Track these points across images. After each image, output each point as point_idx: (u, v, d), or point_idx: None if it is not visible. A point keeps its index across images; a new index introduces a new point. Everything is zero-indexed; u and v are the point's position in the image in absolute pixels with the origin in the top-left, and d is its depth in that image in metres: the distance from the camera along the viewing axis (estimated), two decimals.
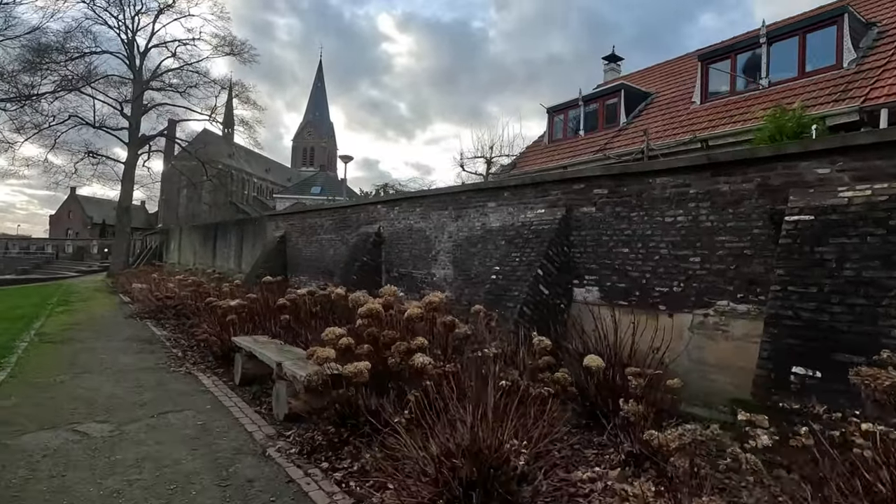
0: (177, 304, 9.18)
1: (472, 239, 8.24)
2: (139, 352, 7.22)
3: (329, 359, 3.21)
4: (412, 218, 9.83)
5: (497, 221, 7.72)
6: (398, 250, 10.28)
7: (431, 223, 9.26)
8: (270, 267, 14.74)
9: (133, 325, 10.19)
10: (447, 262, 8.90)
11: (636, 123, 12.57)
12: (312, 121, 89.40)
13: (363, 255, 10.74)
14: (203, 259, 23.18)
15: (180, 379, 5.68)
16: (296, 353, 4.96)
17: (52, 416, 4.18)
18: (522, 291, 6.18)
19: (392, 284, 10.82)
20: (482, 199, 7.98)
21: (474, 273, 8.23)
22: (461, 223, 8.48)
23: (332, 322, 6.14)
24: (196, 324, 7.63)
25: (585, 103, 13.99)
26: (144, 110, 29.60)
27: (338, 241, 12.48)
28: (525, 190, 7.18)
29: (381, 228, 10.90)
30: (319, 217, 13.34)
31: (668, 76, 13.98)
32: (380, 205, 11.00)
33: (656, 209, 5.59)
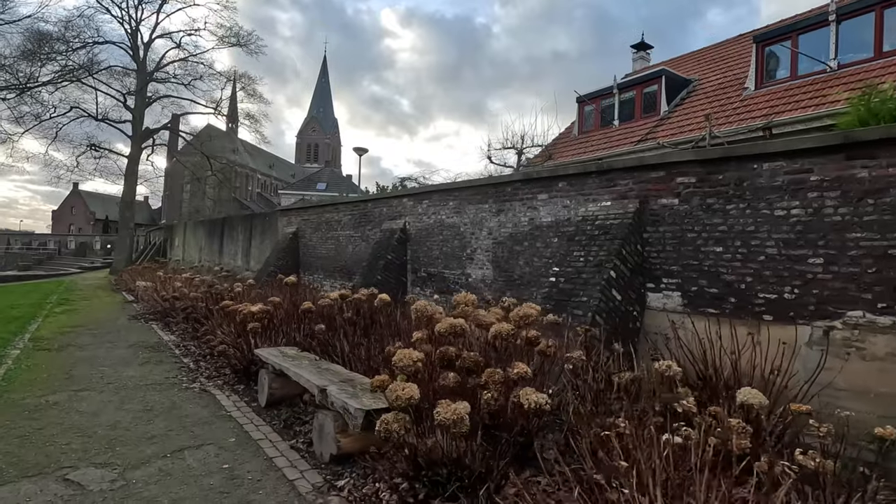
0: (186, 306, 8.31)
1: (517, 236, 7.35)
2: (145, 362, 6.36)
3: (412, 398, 2.33)
4: (444, 212, 8.94)
5: (549, 216, 6.82)
6: (426, 248, 9.40)
7: (467, 218, 8.37)
8: (282, 265, 13.89)
9: (138, 328, 9.33)
10: (485, 262, 8.01)
11: (679, 112, 11.64)
12: (317, 116, 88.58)
13: (388, 253, 9.86)
14: (209, 256, 22.34)
15: (195, 399, 4.81)
16: (337, 374, 4.09)
17: (39, 457, 3.31)
18: (593, 297, 5.29)
19: (418, 285, 9.97)
20: (531, 191, 7.08)
21: (518, 274, 7.34)
22: (504, 218, 7.59)
23: (374, 333, 5.28)
24: (210, 330, 6.75)
25: (620, 91, 13.06)
26: (148, 103, 28.75)
27: (357, 237, 11.60)
28: (586, 179, 6.28)
29: (406, 224, 10.02)
30: (336, 212, 12.46)
31: (710, 62, 13.04)
32: (405, 198, 10.12)
33: (762, 200, 4.68)
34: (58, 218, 65.28)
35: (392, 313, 6.18)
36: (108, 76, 27.44)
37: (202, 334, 6.98)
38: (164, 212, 59.87)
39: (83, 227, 60.91)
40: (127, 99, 27.88)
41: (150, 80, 28.20)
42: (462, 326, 2.94)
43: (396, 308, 7.47)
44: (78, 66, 25.13)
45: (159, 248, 30.98)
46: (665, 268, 5.46)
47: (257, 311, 5.41)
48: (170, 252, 29.35)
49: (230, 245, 19.98)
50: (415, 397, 2.33)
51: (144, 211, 61.92)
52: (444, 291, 8.95)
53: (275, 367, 4.53)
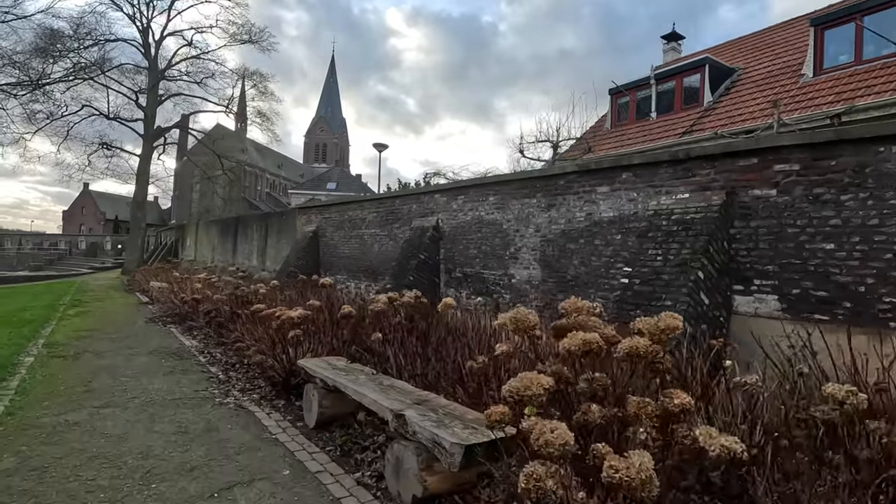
0: (209, 309, 7.74)
1: (572, 233, 6.73)
2: (170, 371, 5.80)
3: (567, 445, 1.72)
4: (483, 208, 8.33)
5: (611, 210, 6.19)
6: (463, 247, 8.80)
7: (511, 214, 7.76)
8: (302, 265, 13.34)
9: (156, 332, 8.79)
10: (532, 261, 7.39)
11: (726, 102, 10.96)
12: (325, 116, 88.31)
13: (420, 253, 9.27)
14: (222, 256, 21.88)
15: (233, 417, 4.23)
16: (405, 392, 3.48)
17: (62, 498, 2.73)
18: (679, 301, 4.65)
19: (452, 287, 9.37)
20: (589, 183, 6.46)
21: (572, 275, 6.72)
22: (555, 213, 6.97)
23: (430, 342, 4.68)
24: (239, 337, 6.18)
25: (658, 82, 12.39)
26: (160, 101, 28.37)
27: (384, 236, 11.02)
28: (657, 169, 5.65)
29: (439, 221, 9.42)
30: (361, 210, 11.89)
31: (753, 51, 12.35)
32: (438, 194, 9.52)
33: (890, 189, 4.04)
34: (68, 218, 65.35)
35: (436, 318, 5.60)
36: (120, 74, 27.10)
37: (232, 341, 6.39)
38: (174, 212, 59.70)
39: (94, 227, 60.91)
40: (139, 97, 27.52)
41: (162, 78, 27.82)
42: (598, 344, 2.32)
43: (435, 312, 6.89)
44: (90, 64, 24.77)
45: (171, 249, 30.61)
46: (758, 267, 4.81)
47: (298, 317, 4.82)
48: (181, 252, 28.95)
49: (244, 245, 19.49)
50: (570, 443, 1.73)
51: (154, 211, 61.85)
52: (482, 293, 8.35)
53: (325, 381, 3.94)
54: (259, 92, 30.62)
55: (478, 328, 5.01)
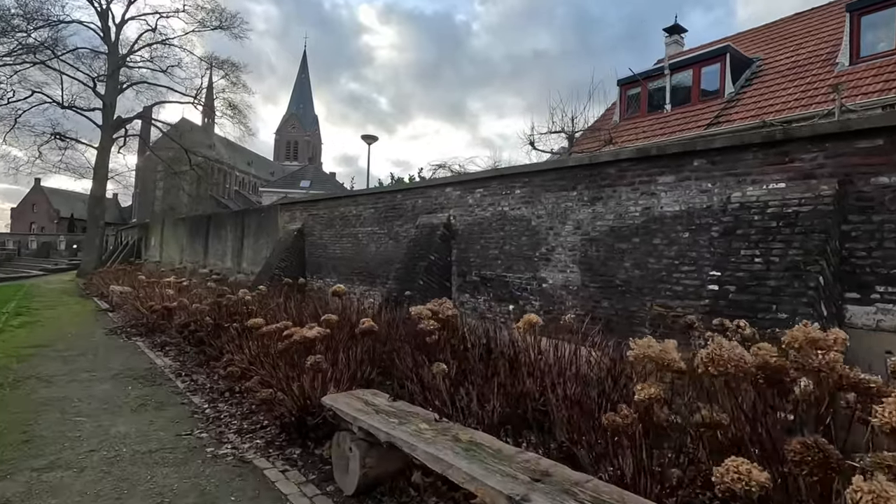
0: (187, 321, 6.46)
1: (623, 230, 5.80)
2: (141, 405, 4.55)
3: None
4: (507, 203, 7.33)
5: (677, 203, 5.28)
6: (480, 247, 7.78)
7: (542, 209, 6.79)
8: (286, 267, 12.05)
9: (119, 347, 7.42)
10: (569, 263, 6.44)
11: (752, 92, 10.32)
12: (296, 113, 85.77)
13: (430, 253, 8.19)
14: (191, 256, 20.18)
15: (235, 480, 3.07)
16: (500, 455, 2.42)
17: None
18: (798, 312, 3.76)
19: (467, 292, 8.33)
20: (648, 172, 5.53)
21: (623, 278, 5.79)
22: (601, 208, 6.03)
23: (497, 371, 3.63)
24: (232, 360, 4.96)
25: (672, 72, 11.68)
26: (120, 89, 26.27)
27: (383, 234, 9.89)
28: (743, 154, 4.75)
29: (451, 218, 8.37)
30: (355, 205, 10.70)
31: (773, 41, 11.81)
32: (449, 187, 8.46)
33: None
34: (17, 216, 60.95)
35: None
36: (76, 59, 24.91)
37: (223, 365, 5.15)
38: (136, 210, 56.49)
39: (46, 225, 56.97)
40: (97, 84, 25.35)
41: (123, 64, 25.76)
42: None
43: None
44: (39, 44, 22.55)
45: (133, 249, 28.43)
46: (881, 272, 3.97)
47: (316, 337, 3.69)
48: (145, 252, 26.88)
49: (217, 244, 17.92)
50: None
51: (114, 209, 58.45)
52: (504, 300, 7.35)
53: (370, 432, 2.84)
54: (231, 83, 28.79)
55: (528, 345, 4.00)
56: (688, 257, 5.19)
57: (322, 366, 3.50)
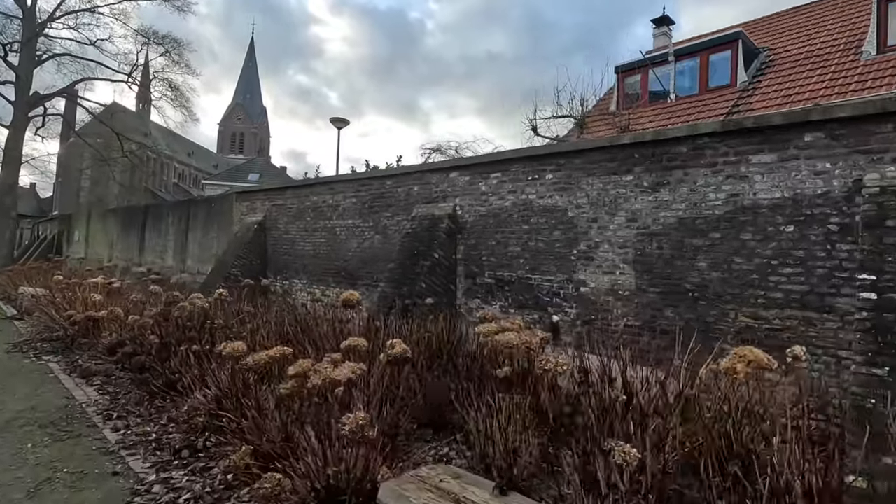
0: (122, 340, 4.74)
1: (697, 222, 4.71)
2: (47, 479, 2.92)
3: None
4: (534, 189, 6.10)
5: (777, 189, 4.24)
6: (496, 242, 6.51)
7: (583, 197, 5.60)
8: (244, 265, 10.27)
9: (25, 371, 5.55)
10: (618, 263, 5.29)
11: (769, 81, 9.69)
12: (242, 104, 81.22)
13: (434, 251, 6.83)
14: (124, 253, 17.62)
15: None
16: None
17: None
18: None
19: (478, 296, 7.02)
20: (737, 150, 4.45)
21: (696, 283, 4.70)
22: (667, 195, 4.91)
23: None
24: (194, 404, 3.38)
25: (678, 59, 10.91)
26: (38, 61, 22.91)
27: (367, 228, 8.40)
28: (880, 124, 3.74)
29: (457, 208, 7.05)
30: (331, 193, 9.11)
31: (783, 32, 11.34)
32: (455, 171, 7.12)
33: None
34: None
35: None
36: None
37: (187, 413, 3.52)
38: (57, 201, 50.86)
39: None
40: (8, 54, 21.92)
41: (41, 32, 22.44)
42: None
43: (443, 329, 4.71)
44: None
45: (52, 244, 24.93)
46: None
47: (350, 379, 2.26)
48: (67, 248, 23.60)
49: (156, 239, 15.60)
50: None
51: (31, 199, 52.56)
52: (527, 307, 6.12)
53: None
54: (172, 61, 25.94)
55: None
56: (792, 256, 4.15)
57: (368, 433, 2.08)
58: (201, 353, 3.76)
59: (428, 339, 4.08)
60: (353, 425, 2.02)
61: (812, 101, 8.16)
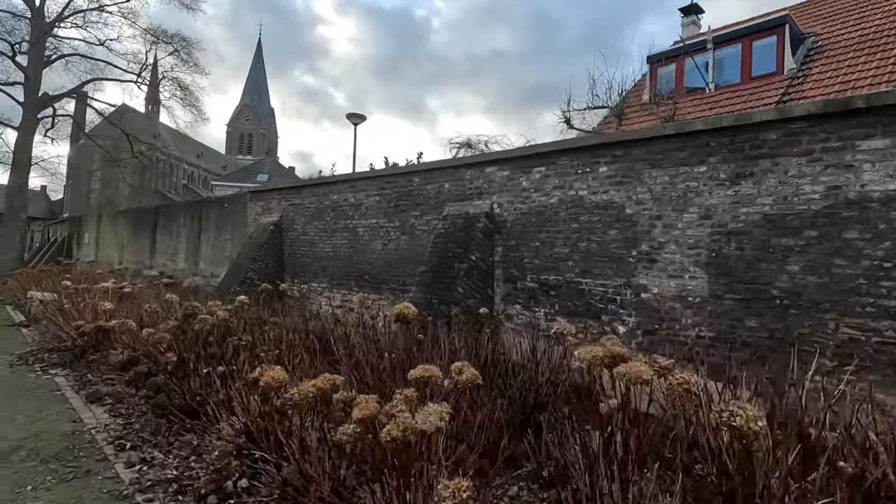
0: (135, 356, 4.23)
1: (788, 219, 4.10)
2: None
3: None
4: (585, 184, 5.52)
5: (892, 180, 3.63)
6: (540, 243, 5.93)
7: (644, 192, 5.02)
8: (260, 269, 9.78)
9: (30, 388, 5.06)
10: (688, 265, 4.70)
11: (821, 69, 9.05)
12: (250, 105, 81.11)
13: (470, 252, 6.26)
14: (135, 256, 17.23)
15: None
16: None
17: None
18: None
19: (519, 302, 6.44)
20: (841, 135, 3.85)
21: (785, 288, 4.10)
22: (749, 187, 4.31)
23: None
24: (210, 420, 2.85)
25: (717, 46, 10.27)
26: (48, 61, 22.61)
27: (393, 228, 7.85)
28: None
29: (494, 206, 6.48)
30: (353, 192, 8.58)
31: (829, 16, 10.68)
32: (492, 166, 6.55)
33: None
34: None
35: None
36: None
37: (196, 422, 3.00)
38: (67, 204, 50.88)
39: None
40: (16, 54, 21.64)
41: (50, 32, 22.13)
42: None
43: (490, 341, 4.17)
44: None
45: (62, 246, 24.67)
46: None
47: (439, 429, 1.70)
48: (77, 250, 23.31)
49: (167, 241, 15.18)
50: None
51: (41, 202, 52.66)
52: (577, 314, 5.54)
53: None
54: (181, 60, 25.59)
55: None
56: None
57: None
58: (227, 373, 3.23)
59: (486, 357, 3.52)
60: (456, 499, 1.46)
61: (874, 87, 7.52)
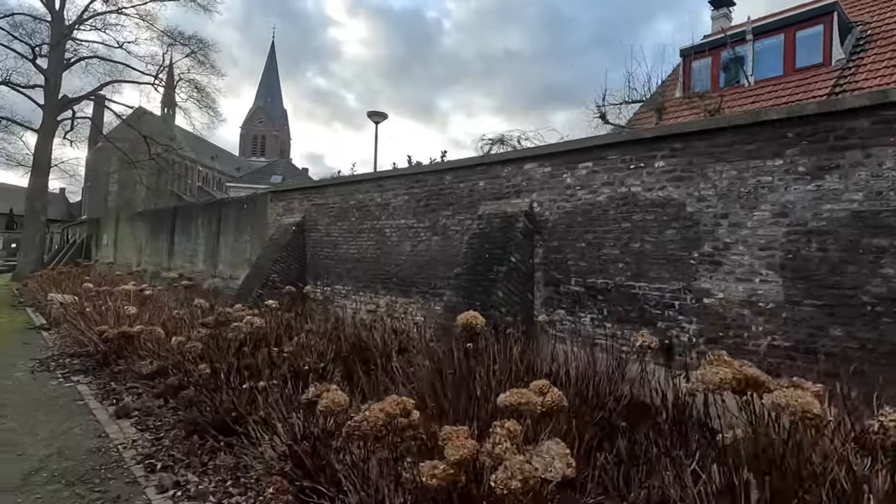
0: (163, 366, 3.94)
1: (881, 218, 3.69)
2: None
3: None
4: (638, 180, 5.12)
5: None
6: (586, 244, 5.55)
7: (708, 188, 4.61)
8: (283, 271, 9.51)
9: (52, 397, 4.80)
10: (759, 268, 4.29)
11: (874, 59, 8.54)
12: (264, 107, 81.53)
13: (509, 254, 5.90)
14: (153, 257, 17.13)
15: None
16: None
17: None
18: None
19: (563, 307, 6.05)
20: None
21: (877, 293, 3.68)
22: (835, 182, 3.90)
23: None
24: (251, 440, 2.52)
25: (756, 38, 9.78)
26: (67, 64, 22.71)
27: (423, 229, 7.51)
28: None
29: (533, 205, 6.11)
30: (380, 191, 8.26)
31: (876, 3, 10.12)
32: (531, 162, 6.18)
33: None
34: None
35: None
36: (12, 27, 21.28)
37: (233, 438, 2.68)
38: (85, 206, 51.45)
39: None
40: (37, 57, 21.75)
41: (69, 34, 22.22)
42: None
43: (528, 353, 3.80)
44: None
45: (81, 248, 24.78)
46: None
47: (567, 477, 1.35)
48: (96, 252, 23.38)
49: (185, 243, 15.02)
50: None
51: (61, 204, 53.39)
52: (629, 320, 5.15)
53: None
54: (198, 62, 25.59)
55: None
56: None
57: None
58: (267, 388, 2.91)
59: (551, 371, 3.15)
60: None
61: None
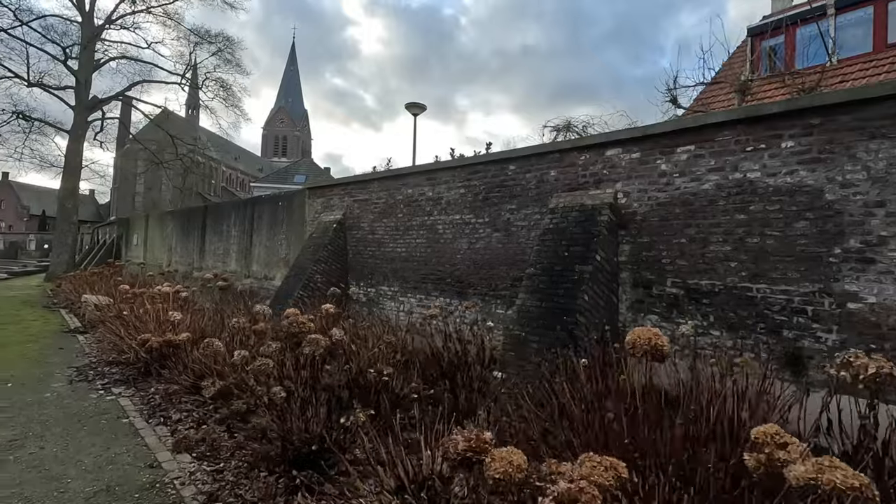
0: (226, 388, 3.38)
1: None
2: None
3: None
4: (757, 165, 4.38)
5: None
6: (687, 239, 4.82)
7: (854, 172, 3.85)
8: (324, 271, 8.97)
9: (92, 414, 4.29)
10: None
11: None
12: (285, 107, 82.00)
13: (593, 252, 5.20)
14: (183, 257, 16.86)
15: None
16: None
17: None
18: None
19: (655, 312, 5.28)
20: None
21: None
22: None
23: None
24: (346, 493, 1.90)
25: (839, 11, 8.87)
26: (97, 65, 22.71)
27: (482, 225, 6.86)
28: None
29: (618, 196, 5.40)
30: (431, 184, 7.63)
31: None
32: (615, 147, 5.47)
33: None
34: None
35: None
36: (44, 30, 21.34)
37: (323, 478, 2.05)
38: (114, 207, 52.25)
39: (14, 224, 52.40)
40: (68, 58, 21.77)
41: (99, 35, 22.21)
42: None
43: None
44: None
45: (111, 248, 24.83)
46: None
47: None
48: (126, 252, 23.35)
49: (217, 243, 14.66)
50: None
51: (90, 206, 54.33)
52: (743, 327, 4.40)
53: None
54: (224, 60, 25.43)
55: None
56: None
57: None
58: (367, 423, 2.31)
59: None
60: None
61: None
